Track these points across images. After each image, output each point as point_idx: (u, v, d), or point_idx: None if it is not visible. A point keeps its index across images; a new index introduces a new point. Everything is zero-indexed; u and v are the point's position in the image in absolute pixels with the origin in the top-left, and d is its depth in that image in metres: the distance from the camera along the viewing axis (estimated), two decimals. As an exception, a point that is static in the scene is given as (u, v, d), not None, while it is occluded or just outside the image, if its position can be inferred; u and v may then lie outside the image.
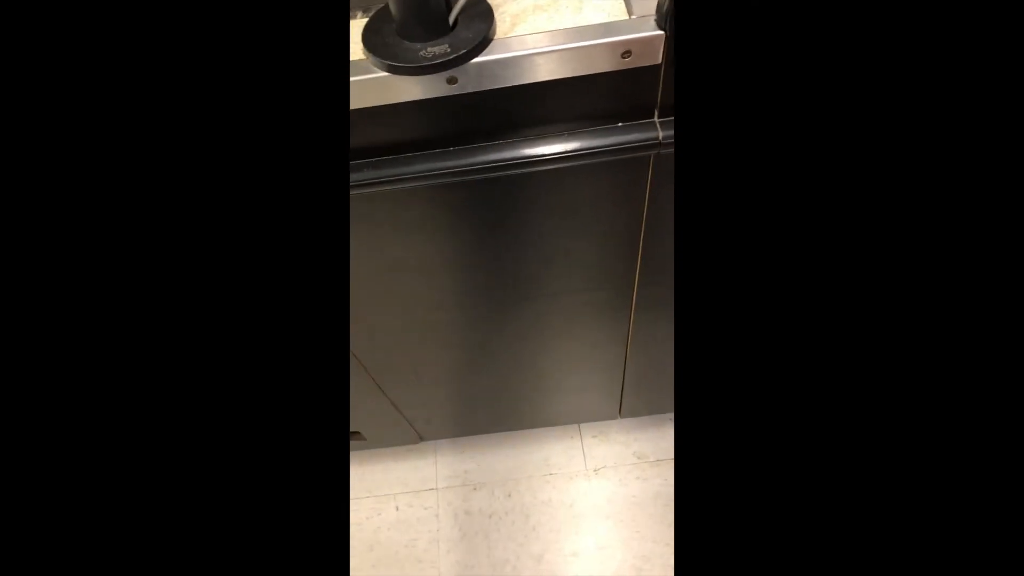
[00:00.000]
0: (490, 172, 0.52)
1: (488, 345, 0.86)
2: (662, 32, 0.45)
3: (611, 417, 1.18)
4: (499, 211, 0.60)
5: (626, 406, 1.12)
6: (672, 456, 1.22)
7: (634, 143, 0.51)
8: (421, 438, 1.17)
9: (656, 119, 0.51)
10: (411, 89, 0.47)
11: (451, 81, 0.46)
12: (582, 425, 1.27)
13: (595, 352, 0.91)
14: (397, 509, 1.23)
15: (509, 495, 1.22)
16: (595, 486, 1.21)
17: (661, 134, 0.51)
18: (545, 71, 0.46)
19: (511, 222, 0.61)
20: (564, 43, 0.45)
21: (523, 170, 0.52)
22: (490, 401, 1.05)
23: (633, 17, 0.46)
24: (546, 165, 0.52)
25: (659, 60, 0.46)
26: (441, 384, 0.97)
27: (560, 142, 0.51)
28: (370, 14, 0.48)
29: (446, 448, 1.27)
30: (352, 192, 0.52)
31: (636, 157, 0.53)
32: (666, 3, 0.43)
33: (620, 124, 0.51)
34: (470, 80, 0.46)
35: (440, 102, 0.48)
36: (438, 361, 0.89)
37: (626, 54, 0.46)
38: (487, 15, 0.46)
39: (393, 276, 0.68)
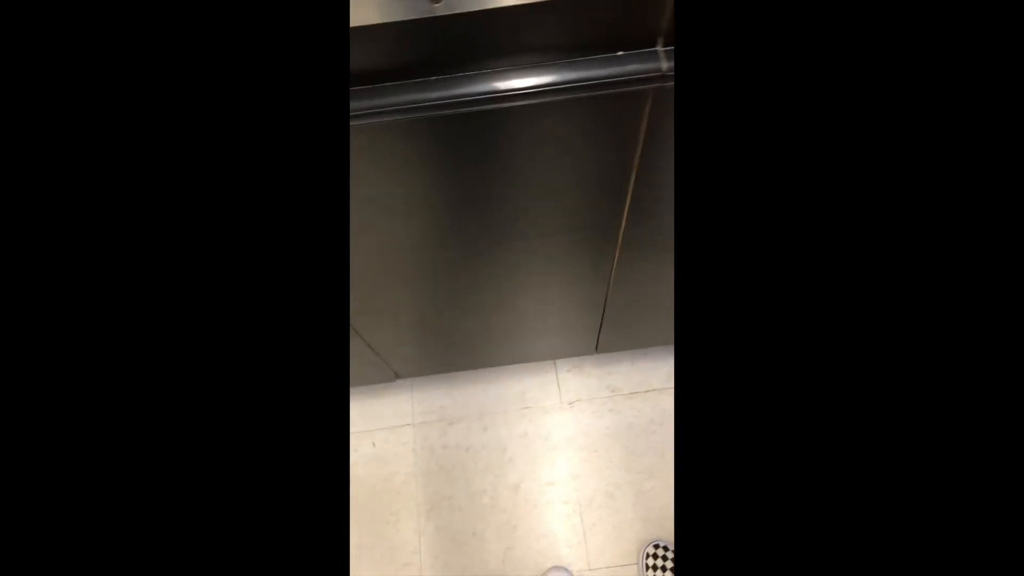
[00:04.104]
0: (475, 105, 0.47)
1: (467, 286, 0.83)
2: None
3: (587, 352, 1.18)
4: (481, 147, 0.55)
5: (602, 342, 1.12)
6: (645, 389, 1.23)
7: (633, 75, 0.47)
8: (397, 376, 1.15)
9: (660, 47, 0.47)
10: (388, 8, 0.41)
11: (435, 0, 0.41)
12: (557, 360, 1.27)
13: (576, 291, 0.89)
14: (374, 445, 1.22)
15: (485, 429, 1.23)
16: (570, 418, 1.23)
17: (664, 65, 0.46)
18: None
19: (493, 159, 0.57)
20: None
21: (510, 104, 0.48)
22: (468, 340, 1.03)
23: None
24: (532, 99, 0.47)
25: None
26: (418, 325, 0.94)
27: (552, 73, 0.46)
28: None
29: (422, 384, 1.27)
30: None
31: (634, 91, 0.49)
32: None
33: (620, 53, 0.47)
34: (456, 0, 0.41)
35: (422, 24, 0.42)
36: (415, 302, 0.86)
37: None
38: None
39: (368, 215, 0.63)
